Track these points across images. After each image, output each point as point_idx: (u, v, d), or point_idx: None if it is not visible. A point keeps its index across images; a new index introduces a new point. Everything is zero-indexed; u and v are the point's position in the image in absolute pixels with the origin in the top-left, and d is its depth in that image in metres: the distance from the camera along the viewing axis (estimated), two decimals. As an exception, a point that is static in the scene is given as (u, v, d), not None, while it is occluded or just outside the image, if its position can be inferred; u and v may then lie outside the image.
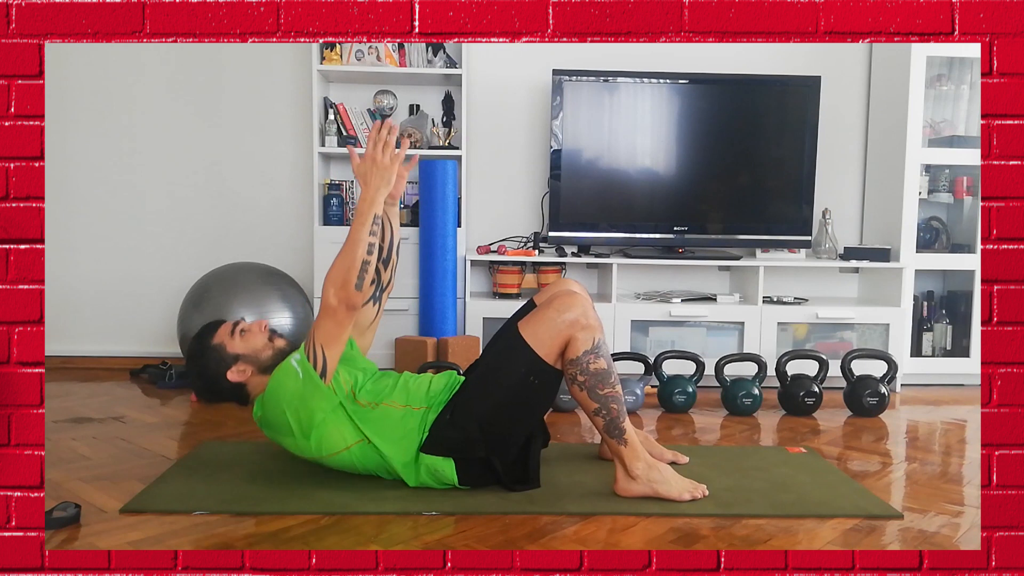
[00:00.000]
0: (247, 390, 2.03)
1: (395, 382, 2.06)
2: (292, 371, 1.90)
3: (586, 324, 1.94)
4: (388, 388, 2.03)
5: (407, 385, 2.05)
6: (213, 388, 2.04)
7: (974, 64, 3.66)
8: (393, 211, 2.22)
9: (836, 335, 3.54)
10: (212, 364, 2.01)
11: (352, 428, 1.96)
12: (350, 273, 1.86)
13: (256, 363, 2.02)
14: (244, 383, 2.02)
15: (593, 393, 1.94)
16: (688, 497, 1.95)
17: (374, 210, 1.91)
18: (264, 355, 2.02)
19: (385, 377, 2.09)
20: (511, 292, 3.52)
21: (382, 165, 1.95)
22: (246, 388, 2.03)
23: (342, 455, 1.98)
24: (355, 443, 1.97)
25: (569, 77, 3.50)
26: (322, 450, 1.97)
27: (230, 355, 2.01)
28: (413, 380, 2.08)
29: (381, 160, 1.95)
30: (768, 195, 3.61)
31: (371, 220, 1.90)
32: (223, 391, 2.04)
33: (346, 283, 1.86)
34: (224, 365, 2.01)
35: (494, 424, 1.96)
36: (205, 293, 3.18)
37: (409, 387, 2.04)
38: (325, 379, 1.90)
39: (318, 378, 1.89)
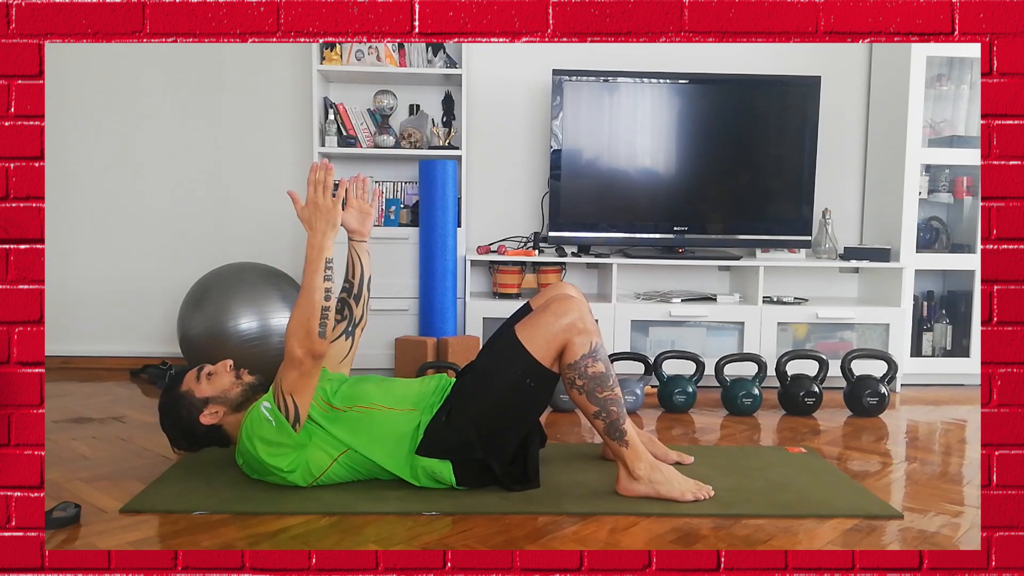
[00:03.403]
0: (224, 431, 2.04)
1: (376, 384, 2.06)
2: (263, 419, 1.90)
3: (583, 328, 1.94)
4: (369, 391, 2.03)
5: (389, 387, 2.05)
6: (190, 436, 2.05)
7: (974, 64, 3.66)
8: (362, 248, 2.23)
9: (836, 335, 3.54)
10: (184, 412, 2.02)
11: (333, 442, 1.97)
12: (311, 322, 1.85)
13: (226, 402, 2.02)
14: (219, 424, 2.03)
15: (592, 396, 1.94)
16: (691, 498, 1.95)
17: (324, 255, 1.89)
18: (233, 393, 2.02)
19: (362, 380, 2.08)
20: (511, 292, 3.52)
21: (324, 208, 1.90)
22: (223, 429, 2.04)
23: (332, 470, 1.98)
24: (340, 454, 1.97)
25: (569, 77, 3.50)
26: (311, 475, 1.98)
27: (199, 400, 2.01)
28: (394, 382, 2.08)
29: (323, 203, 1.90)
30: (768, 195, 3.61)
31: (323, 266, 1.88)
32: (200, 436, 2.04)
33: (309, 333, 1.85)
34: (196, 411, 2.01)
35: (490, 426, 1.96)
36: (205, 293, 3.18)
37: (391, 389, 2.04)
38: (297, 427, 1.90)
39: (290, 428, 1.89)
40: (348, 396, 2.01)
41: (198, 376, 2.05)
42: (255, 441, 1.91)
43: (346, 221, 2.19)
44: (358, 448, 1.97)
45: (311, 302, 1.86)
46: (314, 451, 1.96)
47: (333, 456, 1.97)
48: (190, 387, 2.04)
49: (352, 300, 2.24)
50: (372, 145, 3.61)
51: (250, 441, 1.92)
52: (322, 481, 2.00)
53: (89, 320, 3.79)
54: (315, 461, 1.96)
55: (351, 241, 2.22)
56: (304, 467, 1.96)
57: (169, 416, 2.05)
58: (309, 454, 1.96)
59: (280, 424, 1.88)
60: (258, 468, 1.98)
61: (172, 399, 2.04)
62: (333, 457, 1.97)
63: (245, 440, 1.94)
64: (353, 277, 2.24)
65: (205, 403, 2.02)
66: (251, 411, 1.94)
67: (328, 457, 1.97)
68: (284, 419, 1.88)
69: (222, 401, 2.02)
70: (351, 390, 2.03)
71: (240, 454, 2.00)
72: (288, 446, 1.92)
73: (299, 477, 1.97)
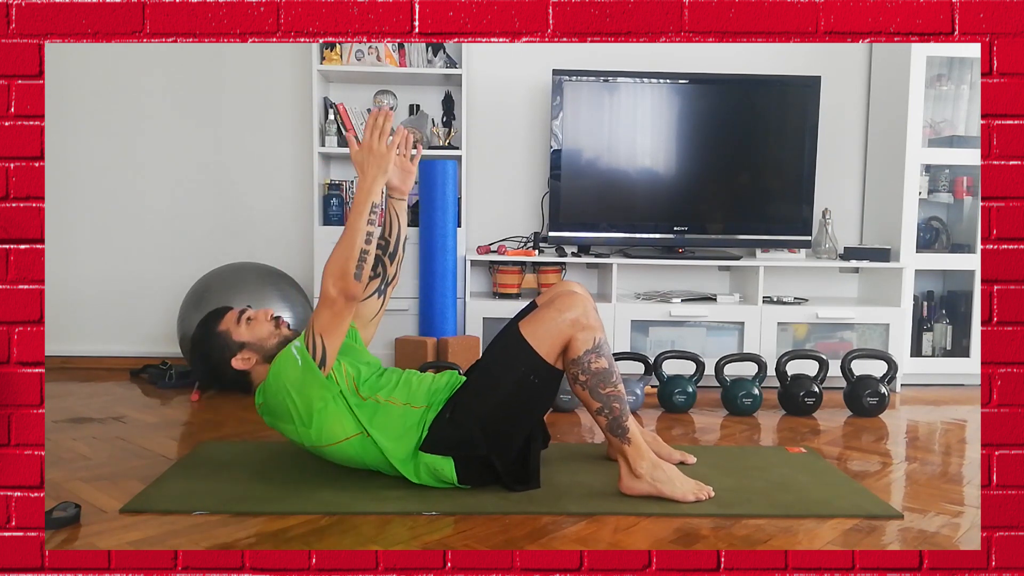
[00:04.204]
0: (251, 378, 2.05)
1: (398, 378, 2.06)
2: (292, 358, 1.91)
3: (586, 324, 1.94)
4: (391, 384, 2.03)
5: (409, 382, 2.05)
6: (217, 374, 2.05)
7: (974, 64, 3.66)
8: (401, 206, 2.22)
9: (836, 335, 3.54)
10: (217, 351, 2.03)
11: (352, 420, 1.96)
12: (348, 263, 1.86)
13: (261, 351, 2.03)
14: (248, 371, 2.04)
15: (595, 392, 1.94)
16: (692, 498, 1.94)
17: (371, 199, 1.90)
18: (269, 343, 2.03)
19: (389, 373, 2.09)
20: (511, 292, 3.52)
21: (378, 153, 1.92)
22: (250, 376, 2.04)
23: (341, 445, 1.98)
24: (355, 435, 1.97)
25: (569, 77, 3.50)
26: (322, 439, 1.97)
27: (235, 342, 2.02)
28: (416, 378, 2.08)
29: (377, 148, 1.92)
30: (768, 195, 3.61)
31: (368, 209, 1.89)
32: (227, 378, 2.05)
33: (345, 273, 1.85)
34: (229, 352, 2.02)
35: (494, 423, 1.96)
36: (205, 293, 3.18)
37: (411, 385, 2.05)
38: (324, 369, 1.90)
39: (316, 368, 1.89)
40: (374, 387, 2.01)
41: (238, 319, 2.05)
42: (282, 378, 1.91)
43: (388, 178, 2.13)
44: (372, 435, 1.96)
45: (352, 243, 1.86)
46: (332, 420, 1.95)
47: (348, 434, 1.96)
48: (229, 327, 2.04)
49: (387, 258, 2.23)
50: (372, 145, 3.60)
51: (276, 378, 1.92)
52: (326, 452, 1.99)
53: (89, 320, 3.78)
54: (330, 428, 1.95)
55: (391, 199, 2.20)
56: (319, 428, 1.95)
57: (201, 350, 2.06)
58: (327, 419, 1.95)
59: (307, 364, 1.88)
60: (277, 409, 1.97)
61: (208, 335, 2.04)
62: (348, 435, 1.96)
63: (272, 377, 1.94)
64: (390, 235, 2.22)
65: (240, 347, 2.02)
66: (283, 352, 1.94)
67: (343, 432, 1.96)
68: (311, 359, 1.88)
69: (257, 349, 2.03)
70: (378, 381, 2.04)
71: (263, 392, 1.99)
72: (312, 388, 1.91)
73: (310, 435, 1.96)
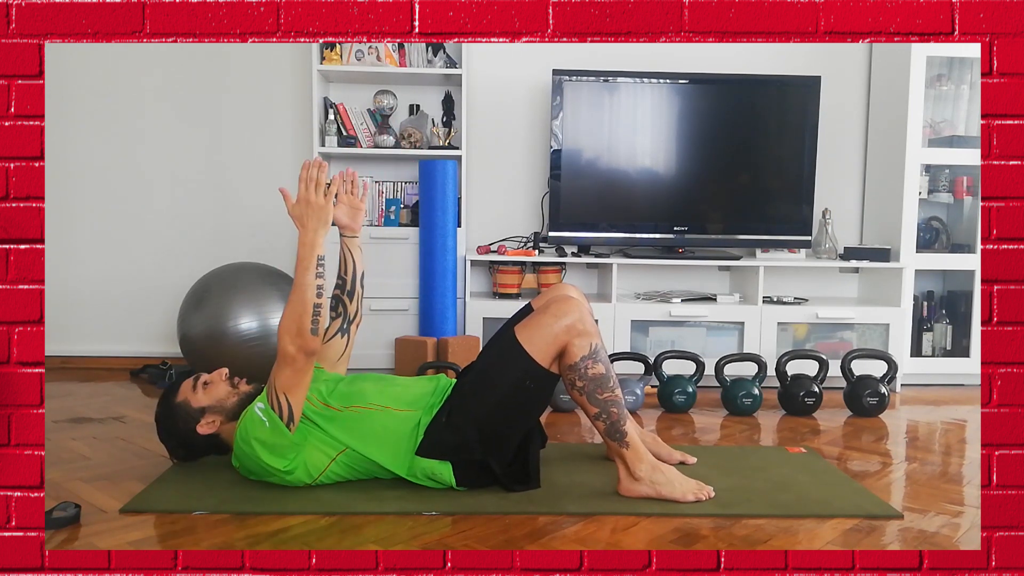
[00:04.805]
0: (222, 439, 2.06)
1: (374, 383, 2.06)
2: (258, 420, 1.90)
3: (582, 330, 1.94)
4: (367, 390, 2.02)
5: (388, 386, 2.05)
6: (188, 445, 2.07)
7: (974, 64, 3.66)
8: (354, 243, 2.20)
9: (836, 335, 3.54)
10: (181, 422, 2.04)
11: (330, 441, 1.97)
12: (303, 319, 1.84)
13: (223, 412, 2.03)
14: (216, 433, 2.04)
15: (592, 398, 1.94)
16: (692, 498, 1.94)
17: (316, 251, 1.87)
18: (229, 402, 2.04)
19: (359, 379, 2.08)
20: (511, 292, 3.52)
21: (316, 205, 1.89)
22: (220, 437, 2.05)
23: (332, 469, 1.98)
24: (338, 454, 1.97)
25: (569, 77, 3.50)
26: (311, 475, 1.97)
27: (196, 409, 2.03)
28: (394, 382, 2.08)
29: (315, 200, 1.89)
30: (768, 195, 3.61)
31: (315, 263, 1.87)
32: (198, 446, 2.07)
33: (301, 330, 1.84)
34: (192, 421, 2.03)
35: (490, 426, 1.96)
36: (205, 293, 3.18)
37: (391, 389, 2.04)
38: (292, 426, 1.90)
39: (284, 427, 1.89)
40: (345, 395, 2.01)
41: (194, 386, 2.06)
42: (252, 443, 1.91)
43: (337, 217, 2.15)
44: (356, 447, 1.97)
45: (303, 299, 1.85)
46: (312, 451, 1.96)
47: (331, 456, 1.97)
48: (186, 397, 2.04)
49: (346, 297, 2.22)
50: (372, 145, 3.61)
51: (247, 443, 1.92)
52: (322, 480, 2.00)
53: (89, 320, 3.79)
54: (313, 461, 1.96)
55: (343, 237, 2.20)
56: (303, 467, 1.96)
57: (166, 427, 2.07)
58: (307, 454, 1.96)
59: (274, 424, 1.88)
60: (256, 470, 1.98)
61: (168, 410, 2.06)
62: (331, 457, 1.97)
63: (241, 443, 1.94)
64: (346, 274, 2.22)
65: (202, 413, 2.03)
66: (246, 414, 1.94)
67: (326, 457, 1.97)
68: (278, 419, 1.88)
69: (219, 411, 2.03)
70: (348, 389, 2.03)
71: (236, 458, 2.00)
72: (284, 446, 1.91)
73: (299, 477, 1.97)
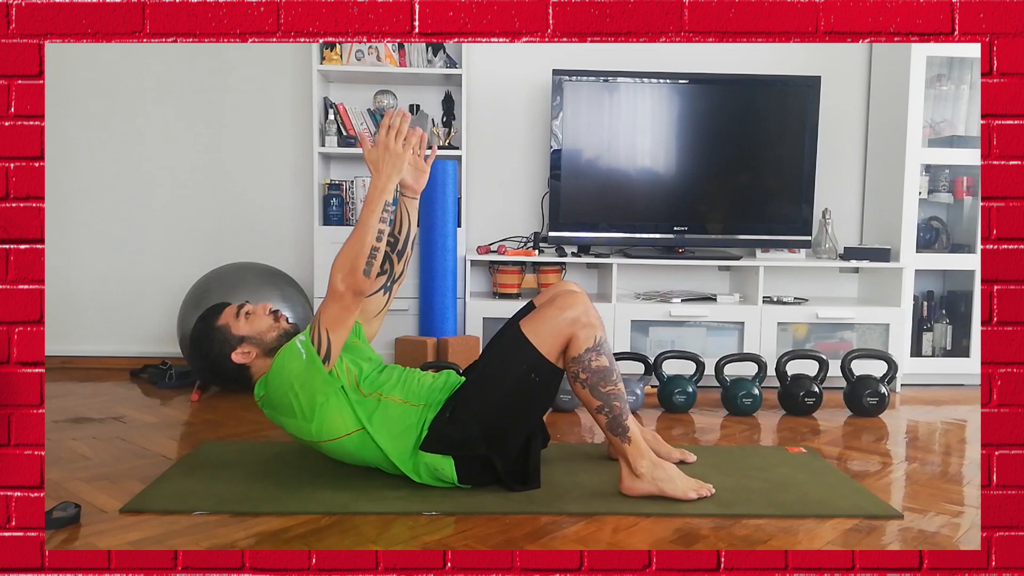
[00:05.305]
0: (250, 372, 2.05)
1: (398, 376, 2.07)
2: (296, 352, 1.91)
3: (587, 322, 1.94)
4: (391, 381, 2.03)
5: (408, 380, 2.06)
6: (217, 369, 2.06)
7: (974, 64, 3.66)
8: (413, 204, 2.20)
9: (836, 335, 3.54)
10: (216, 345, 2.03)
11: (353, 416, 1.96)
12: (358, 259, 1.86)
13: (260, 345, 2.03)
14: (248, 364, 2.04)
15: (595, 391, 1.94)
16: (694, 496, 1.95)
17: (384, 197, 1.90)
18: (268, 337, 2.04)
19: (389, 370, 2.09)
20: (511, 292, 3.52)
21: (394, 152, 1.93)
22: (250, 370, 2.05)
23: (341, 441, 1.98)
24: (355, 431, 1.97)
25: (569, 77, 3.50)
26: (323, 434, 1.97)
27: (235, 336, 2.03)
28: (414, 376, 2.09)
29: (393, 147, 1.93)
30: (768, 195, 3.61)
31: (381, 207, 1.89)
32: (227, 373, 2.05)
33: (354, 269, 1.86)
34: (228, 346, 2.02)
35: (495, 421, 1.96)
36: (205, 293, 3.18)
37: (409, 383, 2.05)
38: (328, 363, 1.90)
39: (321, 362, 1.89)
40: (375, 383, 2.02)
41: (237, 313, 2.05)
42: (285, 371, 1.91)
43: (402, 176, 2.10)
44: (371, 432, 1.97)
45: (363, 240, 1.87)
46: (335, 415, 1.95)
47: (349, 429, 1.96)
48: (228, 322, 2.04)
49: (395, 256, 2.22)
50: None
51: (280, 372, 1.92)
52: (329, 446, 1.99)
53: (89, 320, 3.78)
54: (331, 423, 1.95)
55: (403, 197, 2.20)
56: (320, 423, 1.95)
57: (201, 346, 2.06)
58: (329, 414, 1.95)
59: (311, 358, 1.88)
60: (279, 404, 1.96)
61: (207, 330, 2.05)
62: (348, 430, 1.96)
63: (275, 371, 1.93)
64: (399, 233, 2.21)
65: (240, 341, 2.02)
66: (286, 346, 1.94)
67: (344, 427, 1.96)
68: (316, 353, 1.88)
69: (257, 343, 2.03)
70: (378, 377, 2.04)
71: (264, 385, 1.99)
72: (315, 383, 1.91)
73: (312, 429, 1.96)
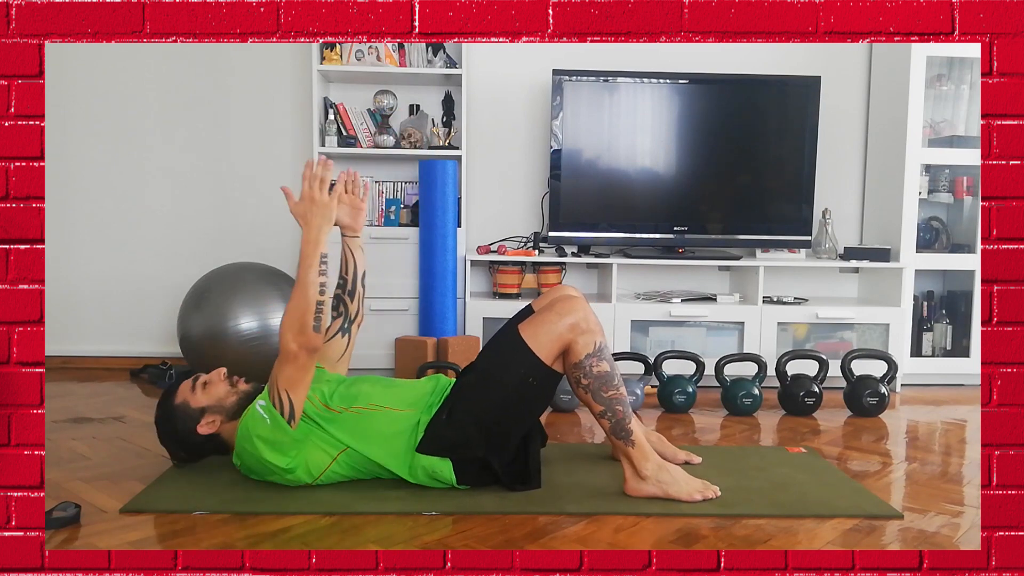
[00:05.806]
0: (222, 439, 2.05)
1: (371, 385, 2.06)
2: (259, 417, 1.90)
3: (587, 328, 1.94)
4: (363, 392, 2.03)
5: (392, 387, 2.06)
6: (188, 446, 2.07)
7: (974, 64, 3.66)
8: (355, 243, 2.21)
9: (836, 335, 3.54)
10: (180, 423, 2.04)
11: (331, 441, 1.97)
12: (305, 316, 1.85)
13: (223, 411, 2.03)
14: (217, 433, 2.04)
15: (598, 396, 1.95)
16: (699, 497, 1.95)
17: (319, 249, 1.88)
18: (228, 402, 2.04)
19: (359, 381, 2.08)
20: (511, 292, 3.52)
21: (320, 203, 1.89)
22: (220, 437, 2.05)
23: (333, 469, 1.98)
24: (339, 453, 1.97)
25: (569, 77, 3.50)
26: (312, 474, 1.98)
27: (195, 410, 2.03)
28: (397, 383, 2.09)
29: (319, 198, 1.89)
30: (768, 195, 3.61)
31: (317, 260, 1.87)
32: (198, 446, 2.07)
33: (303, 327, 1.84)
34: (192, 421, 2.03)
35: (491, 423, 1.96)
36: (205, 293, 3.18)
37: (394, 389, 2.05)
38: (293, 423, 1.90)
39: (286, 424, 1.89)
40: (345, 397, 2.01)
41: (192, 386, 2.05)
42: (254, 440, 1.91)
43: (338, 217, 2.14)
44: (357, 447, 1.97)
45: (306, 297, 1.86)
46: (313, 450, 1.96)
47: (332, 455, 1.97)
48: (185, 398, 2.04)
49: (347, 296, 2.22)
50: (372, 145, 3.61)
51: (248, 441, 1.92)
52: (323, 480, 2.00)
53: (89, 320, 3.79)
54: (315, 460, 1.96)
55: (344, 237, 2.20)
56: (304, 466, 1.96)
57: (166, 429, 2.07)
58: (309, 453, 1.96)
59: (275, 421, 1.88)
60: (257, 468, 1.98)
61: (168, 412, 2.06)
62: (332, 456, 1.97)
63: (242, 440, 1.94)
64: (347, 273, 2.22)
65: (202, 413, 2.03)
66: (247, 412, 1.94)
67: (327, 456, 1.97)
68: (279, 416, 1.88)
69: (218, 410, 2.03)
70: (348, 391, 2.03)
71: (238, 455, 2.00)
72: (286, 443, 1.91)
73: (300, 476, 1.97)
